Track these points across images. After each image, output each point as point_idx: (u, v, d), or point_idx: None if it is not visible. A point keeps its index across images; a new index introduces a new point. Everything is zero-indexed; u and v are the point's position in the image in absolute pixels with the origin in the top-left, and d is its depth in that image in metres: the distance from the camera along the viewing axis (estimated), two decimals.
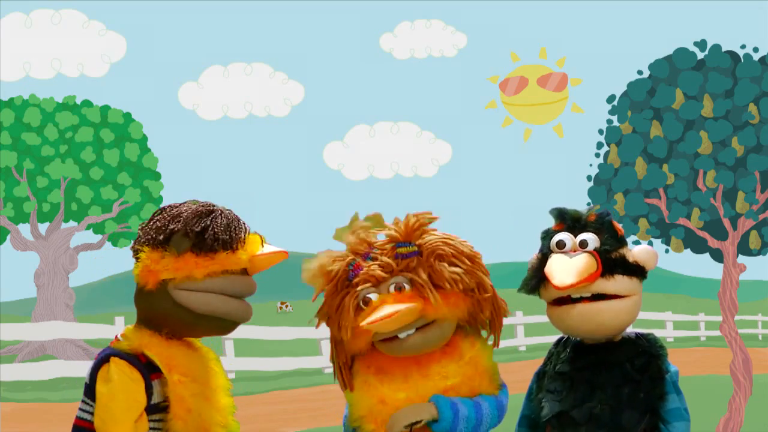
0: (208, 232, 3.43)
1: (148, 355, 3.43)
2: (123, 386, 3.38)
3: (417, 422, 3.50)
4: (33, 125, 25.15)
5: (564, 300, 3.60)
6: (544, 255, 3.68)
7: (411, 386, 3.55)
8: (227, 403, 3.57)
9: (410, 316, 3.50)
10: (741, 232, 10.90)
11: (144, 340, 3.45)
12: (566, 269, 3.55)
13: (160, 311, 3.44)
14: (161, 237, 3.44)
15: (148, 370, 3.43)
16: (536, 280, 3.65)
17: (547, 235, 3.72)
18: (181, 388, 3.43)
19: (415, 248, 3.60)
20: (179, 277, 3.42)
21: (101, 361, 3.45)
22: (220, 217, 3.48)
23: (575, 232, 3.66)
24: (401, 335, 3.52)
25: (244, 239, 3.49)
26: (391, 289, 3.57)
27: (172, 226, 3.45)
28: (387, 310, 3.48)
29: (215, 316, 3.47)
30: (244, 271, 3.50)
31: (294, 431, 13.44)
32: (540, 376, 3.76)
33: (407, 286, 3.55)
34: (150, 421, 3.43)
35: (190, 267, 3.41)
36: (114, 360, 3.42)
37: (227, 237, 3.45)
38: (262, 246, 3.55)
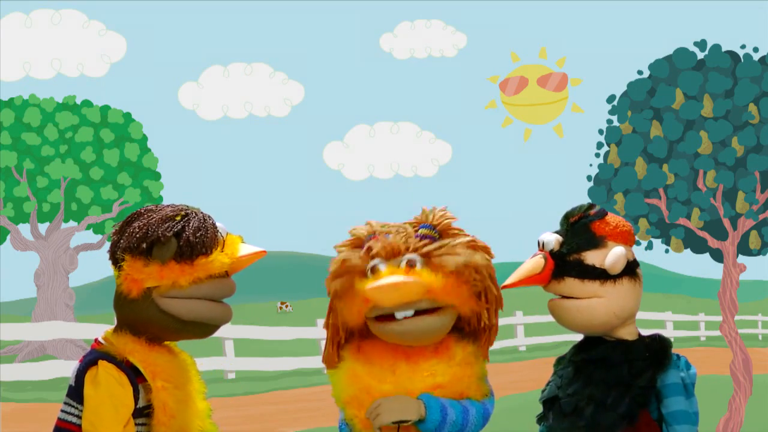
0: (189, 238, 3.40)
1: (132, 361, 3.43)
2: (112, 390, 3.38)
3: (405, 421, 3.44)
4: (33, 125, 25.15)
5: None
6: None
7: (398, 379, 3.50)
8: (204, 407, 3.58)
9: (415, 291, 3.42)
10: (741, 232, 10.91)
11: (128, 346, 3.44)
12: (518, 270, 3.62)
13: (145, 318, 3.42)
14: (144, 246, 3.40)
15: (134, 373, 3.43)
16: None
17: None
18: (164, 394, 3.43)
19: (437, 234, 3.58)
20: (164, 285, 3.39)
21: (88, 364, 3.44)
22: (196, 220, 3.44)
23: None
24: (398, 315, 3.44)
25: (224, 241, 3.47)
26: (403, 264, 3.50)
27: (152, 235, 3.40)
28: (393, 279, 3.42)
29: (200, 322, 3.46)
30: (226, 274, 3.49)
31: (294, 431, 13.44)
32: (559, 360, 3.79)
33: (419, 266, 3.48)
34: (135, 425, 3.43)
35: (176, 275, 3.39)
36: (102, 363, 3.41)
37: (208, 241, 3.42)
38: (241, 244, 3.53)
